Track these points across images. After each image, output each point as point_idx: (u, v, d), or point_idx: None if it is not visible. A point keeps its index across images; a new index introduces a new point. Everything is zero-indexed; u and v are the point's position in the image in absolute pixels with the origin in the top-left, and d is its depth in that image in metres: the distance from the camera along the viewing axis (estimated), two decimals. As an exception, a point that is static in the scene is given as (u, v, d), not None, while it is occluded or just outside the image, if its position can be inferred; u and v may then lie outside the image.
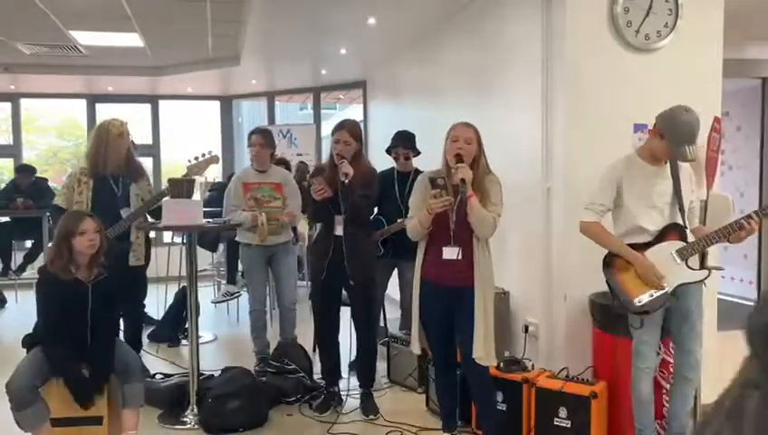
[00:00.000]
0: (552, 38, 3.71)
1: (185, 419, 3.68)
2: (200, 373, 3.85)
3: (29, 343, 3.10)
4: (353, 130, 3.74)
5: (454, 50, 5.35)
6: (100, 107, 9.10)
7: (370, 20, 5.43)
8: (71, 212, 3.44)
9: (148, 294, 4.51)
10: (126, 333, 4.35)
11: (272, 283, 4.87)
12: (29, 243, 7.49)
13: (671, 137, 2.81)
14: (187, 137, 10.47)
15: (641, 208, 2.94)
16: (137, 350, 4.35)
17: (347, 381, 4.06)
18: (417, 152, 4.57)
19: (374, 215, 4.32)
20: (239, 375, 3.84)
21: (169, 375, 4.30)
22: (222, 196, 4.63)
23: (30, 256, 7.26)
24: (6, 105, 8.98)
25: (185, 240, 4.35)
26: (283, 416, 3.84)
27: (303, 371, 4.14)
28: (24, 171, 7.33)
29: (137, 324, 4.46)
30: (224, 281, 6.20)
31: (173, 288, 5.96)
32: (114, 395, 3.13)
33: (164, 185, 4.05)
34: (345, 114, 11.13)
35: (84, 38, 6.12)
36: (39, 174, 7.48)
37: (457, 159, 2.97)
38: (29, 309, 3.20)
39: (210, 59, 7.22)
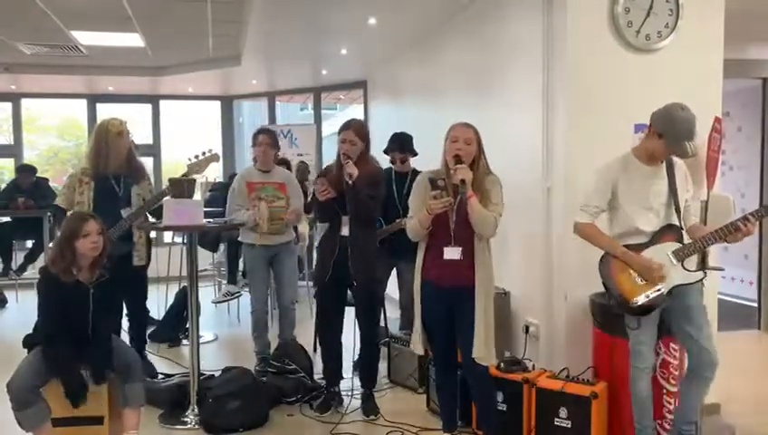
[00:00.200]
0: (553, 39, 3.71)
1: (185, 419, 3.69)
2: (201, 373, 3.85)
3: (29, 343, 3.10)
4: (359, 129, 3.72)
5: (454, 50, 5.35)
6: (100, 107, 9.11)
7: (371, 20, 5.43)
8: (74, 213, 3.44)
9: (148, 295, 4.51)
10: (131, 333, 4.36)
11: (272, 283, 4.87)
12: (30, 243, 7.50)
13: (670, 135, 2.81)
14: (187, 137, 10.47)
15: (637, 210, 2.93)
16: (142, 349, 4.37)
17: (350, 382, 4.06)
18: (415, 154, 4.56)
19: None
20: (240, 375, 3.84)
21: (170, 375, 4.30)
22: (222, 196, 4.63)
23: (31, 256, 7.27)
24: (7, 105, 8.99)
25: (185, 240, 4.35)
26: (284, 416, 3.84)
27: (304, 371, 4.14)
28: (25, 171, 7.33)
29: (142, 324, 4.47)
30: (224, 281, 6.20)
31: (174, 288, 5.97)
32: (115, 395, 3.13)
33: (165, 185, 4.05)
34: (346, 114, 11.15)
35: (85, 38, 6.13)
36: (40, 174, 7.48)
37: (456, 160, 2.96)
38: (29, 309, 3.19)
39: (211, 59, 7.23)
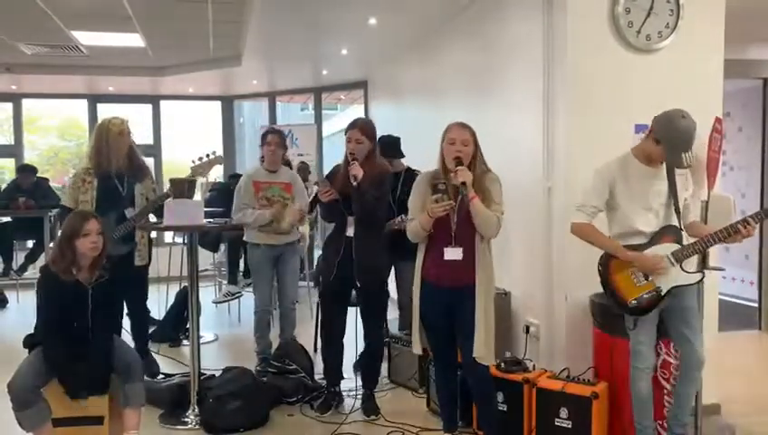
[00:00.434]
0: (554, 39, 3.71)
1: (186, 419, 3.69)
2: (201, 373, 3.85)
3: (30, 343, 3.10)
4: (365, 128, 3.70)
5: (455, 51, 5.35)
6: (101, 107, 9.10)
7: (371, 21, 5.43)
8: (76, 212, 3.43)
9: (149, 295, 4.51)
10: (134, 332, 4.37)
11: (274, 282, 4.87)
12: (30, 243, 7.51)
13: (668, 144, 2.79)
14: (188, 137, 10.48)
15: (637, 210, 2.92)
16: (144, 349, 4.37)
17: (353, 382, 4.05)
18: (401, 156, 4.54)
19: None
20: (240, 375, 3.84)
21: (170, 375, 4.30)
22: (223, 196, 4.64)
23: (31, 256, 7.28)
24: (8, 105, 9.00)
25: (186, 240, 4.35)
26: (284, 416, 3.84)
27: (304, 371, 4.14)
28: (26, 171, 7.33)
29: (143, 324, 4.47)
30: (225, 281, 6.20)
31: (174, 288, 5.97)
32: (115, 395, 3.12)
33: (165, 185, 4.05)
34: (346, 114, 11.16)
35: (85, 38, 6.13)
36: (40, 174, 7.49)
37: (457, 163, 2.97)
38: (30, 309, 3.20)
39: (211, 59, 7.23)
